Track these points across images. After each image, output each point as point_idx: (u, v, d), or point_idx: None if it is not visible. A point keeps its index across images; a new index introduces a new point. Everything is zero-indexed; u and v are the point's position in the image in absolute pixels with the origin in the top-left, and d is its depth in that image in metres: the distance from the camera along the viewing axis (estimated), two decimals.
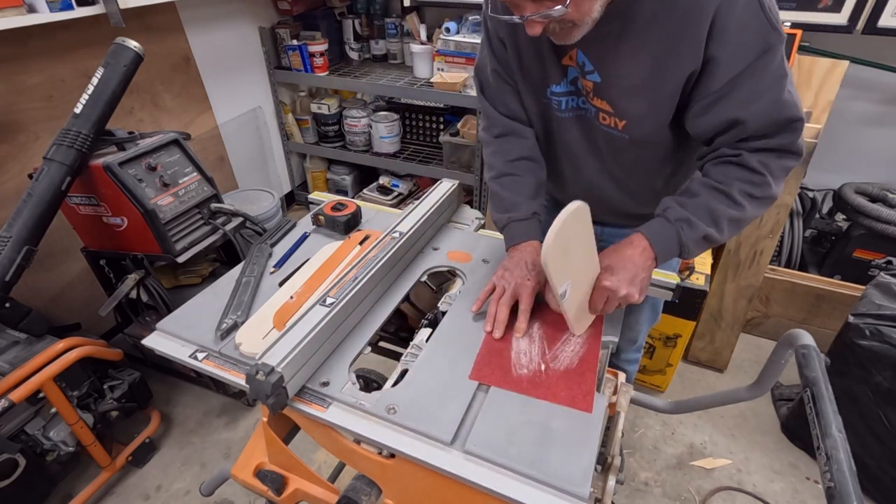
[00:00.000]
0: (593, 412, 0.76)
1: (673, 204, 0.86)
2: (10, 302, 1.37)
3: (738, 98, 0.79)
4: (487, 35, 1.00)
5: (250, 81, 2.73)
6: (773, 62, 0.77)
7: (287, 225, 1.25)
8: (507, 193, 1.03)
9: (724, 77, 0.78)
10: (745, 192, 0.83)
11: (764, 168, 0.82)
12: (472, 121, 2.56)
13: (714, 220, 0.84)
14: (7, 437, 1.38)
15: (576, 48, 0.87)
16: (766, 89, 0.78)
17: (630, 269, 0.84)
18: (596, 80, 0.88)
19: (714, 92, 0.80)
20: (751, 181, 0.83)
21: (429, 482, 0.76)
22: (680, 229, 0.84)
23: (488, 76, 1.04)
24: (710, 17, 0.74)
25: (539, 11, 0.72)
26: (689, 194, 0.86)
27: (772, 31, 0.75)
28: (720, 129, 0.84)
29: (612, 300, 0.84)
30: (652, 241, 0.85)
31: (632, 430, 1.90)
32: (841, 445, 0.63)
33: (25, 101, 1.74)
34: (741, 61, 0.76)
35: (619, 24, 0.80)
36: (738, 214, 0.84)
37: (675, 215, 0.85)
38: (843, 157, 2.42)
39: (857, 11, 1.85)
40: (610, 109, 0.91)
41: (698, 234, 0.83)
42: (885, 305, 1.56)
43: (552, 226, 0.72)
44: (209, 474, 1.39)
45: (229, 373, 0.85)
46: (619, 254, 0.86)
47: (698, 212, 0.84)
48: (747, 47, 0.75)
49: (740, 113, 0.80)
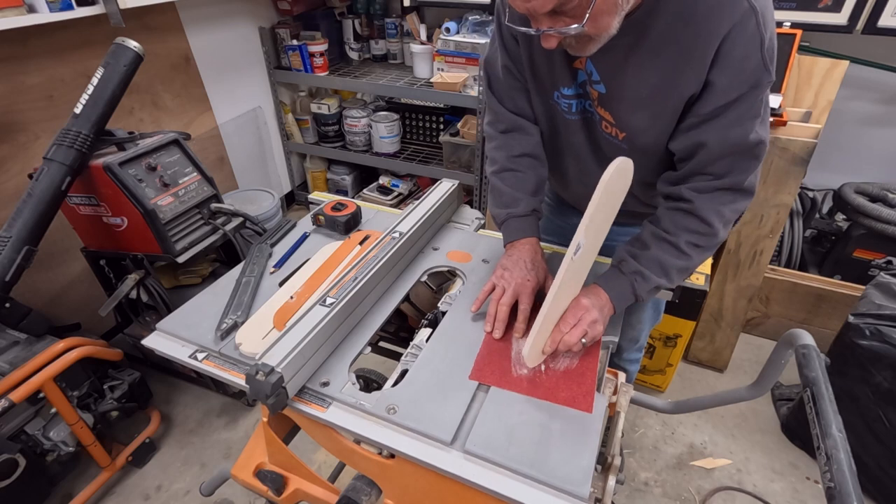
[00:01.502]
0: (593, 412, 0.76)
1: (627, 257, 0.91)
2: (10, 302, 1.37)
3: (718, 125, 0.81)
4: (500, 30, 1.00)
5: (250, 81, 2.73)
6: (756, 99, 0.79)
7: (287, 225, 1.25)
8: (507, 189, 1.03)
9: (716, 103, 0.79)
10: (692, 242, 0.88)
11: (716, 217, 0.86)
12: (472, 121, 2.56)
13: (664, 271, 0.89)
14: (7, 437, 1.38)
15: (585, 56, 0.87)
16: (741, 123, 0.80)
17: (599, 303, 0.87)
18: (601, 90, 0.89)
19: (702, 115, 0.82)
20: (698, 232, 0.87)
21: (429, 482, 0.76)
22: (634, 281, 0.89)
23: (498, 71, 1.04)
24: (719, 42, 0.75)
25: (555, 27, 0.72)
26: (640, 245, 0.91)
27: (764, 71, 0.76)
28: (688, 152, 0.86)
29: (581, 322, 0.84)
30: (609, 292, 0.89)
31: (632, 430, 1.90)
32: (841, 445, 0.63)
33: (25, 101, 1.74)
34: (733, 91, 0.78)
35: (631, 37, 0.80)
36: (685, 264, 0.89)
37: (628, 268, 0.90)
38: (843, 157, 2.42)
39: (857, 11, 1.84)
40: (612, 120, 0.92)
41: (650, 284, 0.89)
42: (885, 305, 1.56)
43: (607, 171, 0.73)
44: (209, 474, 1.39)
45: (229, 373, 0.85)
46: (587, 292, 0.90)
47: (650, 265, 0.89)
48: (742, 79, 0.77)
49: (712, 139, 0.82)
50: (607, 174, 0.72)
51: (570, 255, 0.75)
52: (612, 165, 0.73)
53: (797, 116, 1.77)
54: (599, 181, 0.72)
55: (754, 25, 0.73)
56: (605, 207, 0.79)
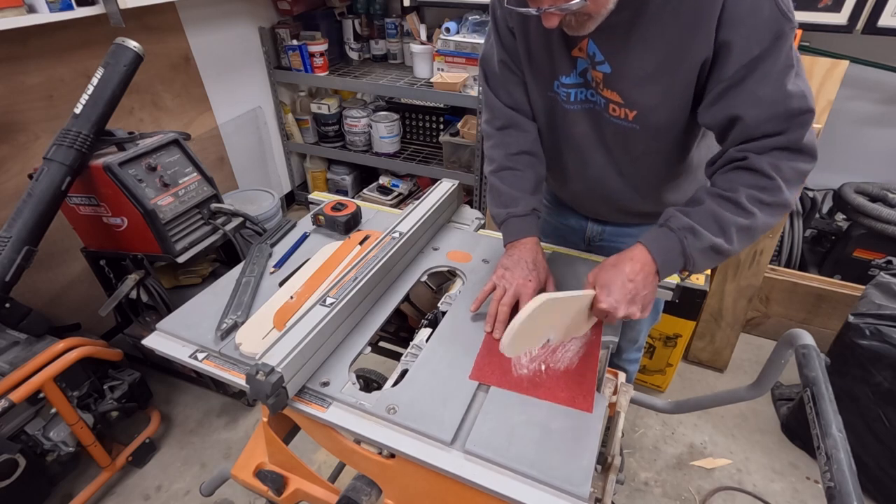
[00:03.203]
0: (593, 412, 0.76)
1: (675, 213, 0.81)
2: (10, 302, 1.37)
3: (746, 88, 0.76)
4: (496, 24, 1.00)
5: (250, 81, 2.73)
6: (782, 50, 0.74)
7: (287, 225, 1.25)
8: (506, 188, 1.02)
9: (738, 62, 0.75)
10: (754, 197, 0.77)
11: (774, 171, 0.76)
12: (472, 121, 2.56)
13: (722, 228, 0.77)
14: (7, 437, 1.38)
15: (587, 38, 0.86)
16: (772, 79, 0.75)
17: (628, 289, 0.78)
18: (606, 70, 0.87)
19: (726, 79, 0.77)
20: (759, 185, 0.77)
21: (429, 482, 0.76)
22: (683, 238, 0.78)
23: (494, 66, 1.03)
24: (722, 2, 0.73)
25: (557, 4, 0.72)
26: (693, 203, 0.82)
27: (783, 19, 0.72)
28: (724, 126, 0.81)
29: (611, 319, 0.81)
30: (653, 252, 0.79)
31: (632, 430, 1.90)
32: (841, 445, 0.63)
33: (25, 101, 1.74)
34: (754, 46, 0.73)
35: (630, 12, 0.79)
36: (748, 222, 0.78)
37: (678, 224, 0.79)
38: (843, 157, 2.42)
39: (857, 11, 1.84)
40: (620, 100, 0.89)
41: (704, 243, 0.77)
42: (885, 305, 1.56)
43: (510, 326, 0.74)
44: (209, 474, 1.39)
45: (229, 373, 0.85)
46: (617, 270, 0.80)
47: (703, 220, 0.78)
48: (760, 32, 0.73)
49: (743, 107, 0.76)
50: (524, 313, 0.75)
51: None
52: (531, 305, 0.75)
53: None
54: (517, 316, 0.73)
55: None
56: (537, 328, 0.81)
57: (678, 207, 0.82)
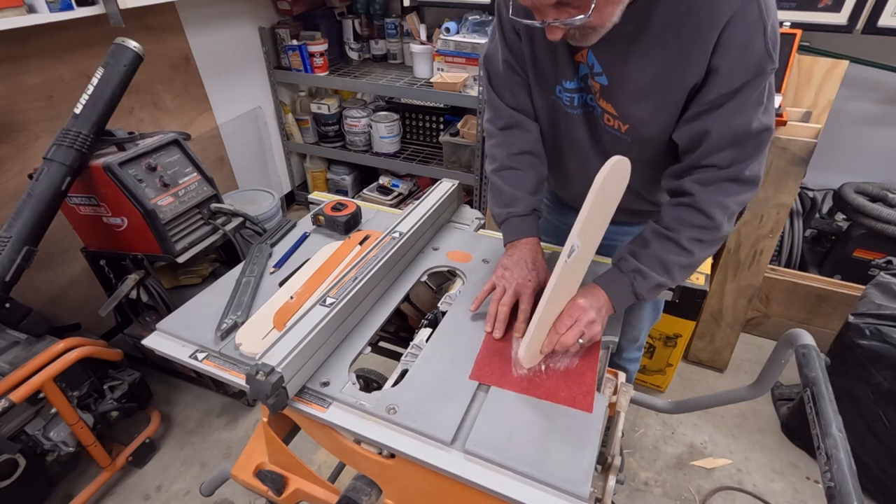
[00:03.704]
0: (593, 412, 0.76)
1: (626, 255, 0.90)
2: (10, 302, 1.37)
3: (721, 114, 0.80)
4: (501, 24, 1.00)
5: (250, 81, 2.73)
6: (759, 87, 0.79)
7: (287, 225, 1.25)
8: (507, 188, 1.03)
9: (719, 91, 0.79)
10: (695, 238, 0.86)
11: (718, 209, 0.84)
12: (472, 121, 2.56)
13: (665, 269, 0.87)
14: (7, 437, 1.38)
15: (587, 48, 0.87)
16: (744, 111, 0.80)
17: (597, 304, 0.86)
18: (603, 82, 0.89)
19: (706, 103, 0.81)
20: (700, 226, 0.85)
21: (429, 482, 0.76)
22: (633, 279, 0.88)
23: (498, 66, 1.04)
24: (720, 29, 0.74)
25: (561, 18, 0.73)
26: (641, 243, 0.90)
27: (767, 58, 0.76)
28: (691, 142, 0.86)
29: (578, 323, 0.84)
30: (608, 291, 0.88)
31: (632, 430, 1.90)
32: (841, 445, 0.63)
33: (25, 101, 1.74)
34: (736, 79, 0.77)
35: (632, 26, 0.80)
36: (688, 261, 0.88)
37: (627, 267, 0.89)
38: (843, 157, 2.42)
39: (857, 11, 1.84)
40: (615, 112, 0.91)
41: (651, 283, 0.87)
42: (885, 305, 1.56)
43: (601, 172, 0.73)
44: (209, 474, 1.39)
45: (229, 373, 0.85)
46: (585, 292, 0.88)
47: (650, 262, 0.87)
48: (745, 66, 0.77)
49: (716, 127, 0.81)
50: (602, 173, 0.72)
51: (564, 257, 0.75)
52: (608, 165, 0.72)
53: (797, 116, 1.77)
54: (594, 181, 0.72)
55: (756, 12, 0.73)
56: (601, 208, 0.79)
57: (628, 247, 0.91)
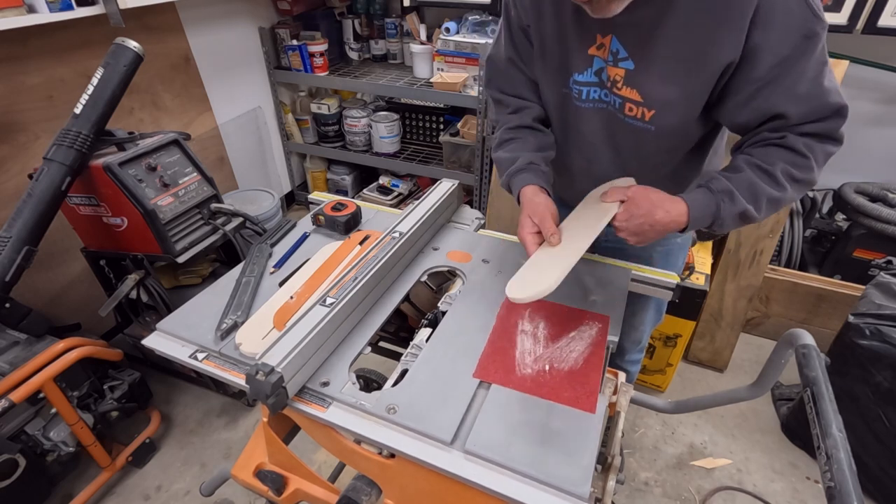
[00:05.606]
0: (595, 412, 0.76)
1: (717, 176, 0.85)
2: (10, 302, 1.37)
3: (782, 85, 0.78)
4: (508, 23, 1.00)
5: (250, 81, 2.73)
6: (815, 49, 0.76)
7: (287, 225, 1.25)
8: (507, 155, 1.02)
9: (768, 63, 0.76)
10: (788, 173, 0.82)
11: (809, 151, 0.81)
12: (472, 121, 2.56)
13: (755, 197, 0.83)
14: (7, 437, 1.38)
15: (610, 34, 0.86)
16: (809, 77, 0.77)
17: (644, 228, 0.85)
18: (629, 66, 0.87)
19: (757, 80, 0.78)
20: (795, 163, 0.82)
21: (429, 482, 0.76)
22: (721, 201, 0.83)
23: (501, 64, 1.04)
24: (756, 2, 0.73)
25: None
26: (732, 169, 0.86)
27: (814, 18, 0.74)
28: (762, 121, 0.83)
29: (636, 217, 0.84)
30: (691, 207, 0.84)
31: (632, 430, 1.90)
32: (841, 445, 0.63)
33: (25, 101, 1.74)
34: (785, 47, 0.75)
35: (658, 7, 0.78)
36: (779, 195, 0.83)
37: (718, 186, 0.84)
38: (843, 157, 2.38)
39: (857, 11, 1.84)
40: (639, 99, 0.89)
41: (737, 209, 0.83)
42: (885, 305, 1.56)
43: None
44: (209, 474, 1.39)
45: (229, 373, 0.85)
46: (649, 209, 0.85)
47: (741, 187, 0.83)
48: (791, 33, 0.74)
49: (783, 103, 0.79)
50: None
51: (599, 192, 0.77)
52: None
53: None
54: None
55: None
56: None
57: (718, 171, 0.86)
